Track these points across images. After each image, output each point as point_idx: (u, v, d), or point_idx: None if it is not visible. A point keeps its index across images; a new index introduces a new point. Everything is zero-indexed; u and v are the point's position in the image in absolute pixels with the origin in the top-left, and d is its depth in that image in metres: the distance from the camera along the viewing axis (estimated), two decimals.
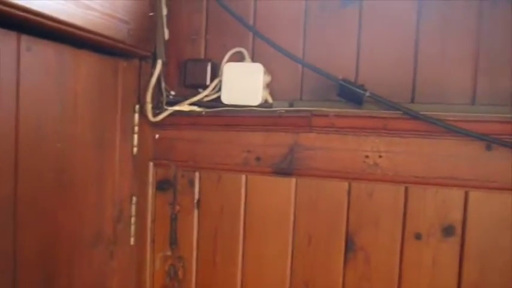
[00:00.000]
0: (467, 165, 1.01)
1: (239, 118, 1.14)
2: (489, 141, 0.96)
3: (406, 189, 1.06)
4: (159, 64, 1.14)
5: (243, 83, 1.10)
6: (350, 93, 1.00)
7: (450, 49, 1.03)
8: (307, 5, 1.13)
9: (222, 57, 1.17)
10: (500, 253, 1.01)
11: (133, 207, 1.16)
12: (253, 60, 1.16)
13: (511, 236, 1.01)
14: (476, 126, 0.99)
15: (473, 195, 1.03)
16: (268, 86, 1.14)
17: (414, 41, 1.05)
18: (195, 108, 1.14)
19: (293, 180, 1.13)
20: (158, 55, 1.14)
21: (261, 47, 1.15)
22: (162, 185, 1.24)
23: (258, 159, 1.15)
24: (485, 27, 1.01)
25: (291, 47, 1.12)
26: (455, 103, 1.03)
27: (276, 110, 1.10)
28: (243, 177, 1.17)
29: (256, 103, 1.10)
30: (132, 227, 1.16)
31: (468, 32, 1.02)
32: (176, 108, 1.14)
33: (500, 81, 1.01)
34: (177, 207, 1.23)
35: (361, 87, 1.01)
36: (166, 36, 1.17)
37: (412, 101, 1.06)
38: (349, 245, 1.10)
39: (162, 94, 1.18)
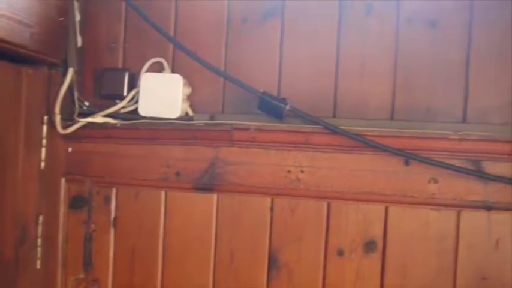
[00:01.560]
0: (386, 180, 1.01)
1: (157, 131, 1.08)
2: (406, 156, 0.97)
3: (329, 204, 1.05)
4: (70, 72, 1.06)
5: (161, 95, 1.05)
6: (270, 107, 0.98)
7: (369, 65, 1.04)
8: (229, 16, 1.09)
9: (142, 67, 1.11)
10: (420, 267, 1.02)
11: (40, 228, 1.07)
12: (174, 71, 1.11)
13: (430, 249, 1.01)
14: (395, 142, 1.00)
15: (393, 210, 1.03)
16: (189, 98, 1.09)
17: (335, 56, 1.05)
18: (110, 120, 1.07)
19: (214, 196, 1.09)
20: (70, 63, 1.06)
21: (182, 58, 1.10)
22: (76, 203, 1.15)
23: (177, 174, 1.09)
24: (402, 45, 1.02)
25: (213, 59, 1.08)
26: (375, 118, 1.03)
27: (196, 123, 1.05)
28: (163, 193, 1.11)
29: (175, 115, 1.05)
30: (39, 249, 1.07)
31: (386, 48, 1.03)
32: (89, 120, 1.07)
33: (417, 97, 1.02)
34: (92, 226, 1.14)
35: (282, 100, 0.99)
36: (79, 43, 1.10)
37: (334, 115, 1.05)
38: (272, 262, 1.07)
39: (75, 105, 1.10)
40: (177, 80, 1.05)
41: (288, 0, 1.07)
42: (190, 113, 1.08)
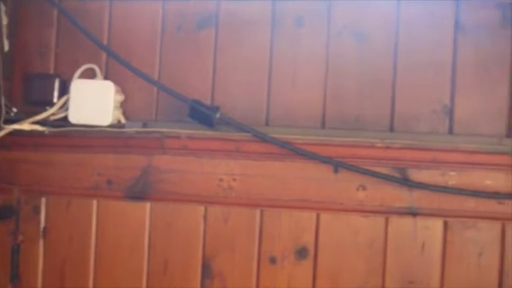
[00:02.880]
0: (317, 188, 1.03)
1: (88, 139, 1.06)
2: (333, 164, 0.99)
3: (261, 212, 1.05)
4: None
5: (92, 102, 1.03)
6: (201, 115, 0.98)
7: (301, 75, 1.05)
8: (163, 24, 1.09)
9: (74, 73, 1.09)
10: (350, 272, 1.04)
11: None
12: (107, 77, 1.09)
13: (359, 255, 1.03)
14: (324, 149, 1.02)
15: (324, 217, 1.04)
16: (122, 106, 1.08)
17: (268, 65, 1.06)
18: (38, 127, 1.04)
19: (147, 204, 1.07)
20: None
21: (115, 64, 1.09)
22: (2, 213, 1.11)
23: (109, 182, 1.07)
24: (332, 56, 1.05)
25: (147, 66, 1.07)
26: (306, 126, 1.05)
27: (127, 131, 1.04)
28: (94, 202, 1.09)
29: (107, 123, 1.03)
30: None
31: (317, 59, 1.05)
32: (15, 126, 1.03)
33: (346, 107, 1.05)
34: (20, 237, 1.10)
35: (212, 108, 0.99)
36: (6, 47, 1.07)
37: (267, 123, 1.06)
38: (206, 271, 1.06)
39: (1, 111, 1.07)
40: (109, 87, 1.03)
41: (222, 10, 1.07)
42: (123, 120, 1.06)
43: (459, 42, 1.04)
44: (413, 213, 1.02)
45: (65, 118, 1.06)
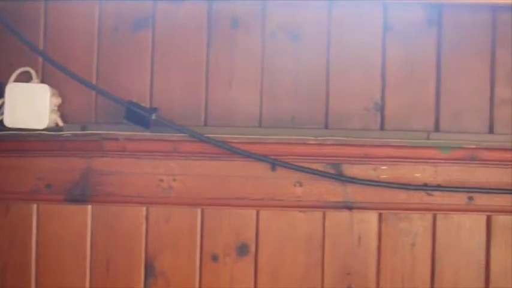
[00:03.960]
0: (255, 185, 1.05)
1: (25, 143, 1.05)
2: (268, 161, 1.01)
3: (202, 211, 1.07)
4: None
5: (28, 105, 1.03)
6: (137, 117, 0.99)
7: (237, 75, 1.08)
8: (100, 26, 1.09)
9: (9, 77, 1.08)
10: (291, 266, 1.07)
11: None
12: (44, 80, 1.09)
13: (299, 249, 1.06)
14: (262, 148, 1.04)
15: (264, 213, 1.07)
16: (59, 109, 1.07)
17: (205, 66, 1.08)
18: None
19: (88, 207, 1.07)
20: None
21: (52, 67, 1.08)
22: None
23: (49, 186, 1.07)
24: (268, 56, 1.07)
25: (84, 68, 1.08)
26: (244, 126, 1.07)
27: (64, 134, 1.03)
28: (34, 206, 1.08)
29: (43, 126, 1.03)
30: None
31: (253, 60, 1.08)
32: None
33: (282, 106, 1.08)
34: None
35: (148, 110, 1.00)
36: None
37: (205, 124, 1.08)
38: (149, 270, 1.07)
39: None
40: (44, 90, 1.03)
41: (159, 11, 1.08)
42: (60, 123, 1.06)
43: (388, 41, 1.09)
44: (348, 207, 1.06)
45: (1, 122, 1.05)
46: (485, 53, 1.09)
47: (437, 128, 1.08)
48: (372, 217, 1.08)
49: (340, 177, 1.04)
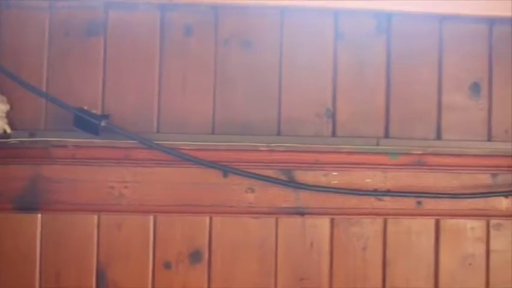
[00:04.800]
0: (208, 192, 1.06)
1: None
2: (220, 168, 1.02)
3: (155, 218, 1.06)
4: None
5: None
6: (86, 124, 0.98)
7: (190, 82, 1.08)
8: (51, 32, 1.08)
9: None
10: (244, 273, 1.07)
11: None
12: None
13: (252, 256, 1.07)
14: (214, 155, 1.04)
15: (216, 220, 1.07)
16: (7, 116, 1.06)
17: (158, 73, 1.08)
18: None
19: (38, 215, 1.05)
20: None
21: None
22: None
23: None
24: (221, 63, 1.08)
25: (34, 75, 1.06)
26: (197, 133, 1.07)
27: (11, 141, 1.02)
28: None
29: None
30: None
31: (206, 67, 1.08)
32: None
33: (235, 112, 1.08)
34: None
35: (97, 116, 0.99)
36: None
37: (158, 131, 1.07)
38: (101, 279, 1.06)
39: None
40: None
41: (111, 18, 1.08)
42: (8, 130, 1.04)
43: (339, 49, 1.11)
44: (300, 212, 1.07)
45: None
46: (432, 60, 1.13)
47: (387, 134, 1.11)
48: (324, 222, 1.09)
49: (291, 184, 1.05)
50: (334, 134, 1.10)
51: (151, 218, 1.06)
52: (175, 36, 1.08)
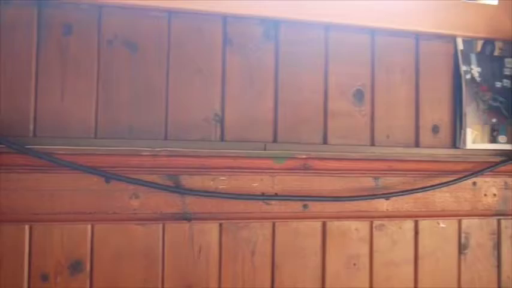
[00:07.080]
0: (89, 199, 1.01)
1: None
2: (100, 174, 0.97)
3: (30, 227, 1.00)
4: None
5: None
6: None
7: (70, 84, 1.03)
8: None
9: None
10: (129, 282, 1.04)
11: None
12: None
13: (137, 264, 1.04)
14: (96, 160, 1.00)
15: (99, 228, 1.03)
16: None
17: (34, 74, 1.01)
18: None
19: None
20: None
21: None
22: None
23: None
24: (104, 65, 1.04)
25: None
26: (78, 137, 1.02)
27: None
28: None
29: None
30: None
31: (87, 68, 1.04)
32: None
33: (120, 116, 1.05)
34: None
35: None
36: None
37: (35, 134, 1.01)
38: None
39: None
40: None
41: None
42: None
43: (228, 54, 1.11)
44: (187, 218, 1.06)
45: None
46: (319, 67, 1.16)
47: (275, 139, 1.12)
48: (212, 228, 1.08)
49: (177, 189, 1.03)
50: (222, 139, 1.10)
51: (26, 227, 1.00)
52: (54, 35, 1.03)
